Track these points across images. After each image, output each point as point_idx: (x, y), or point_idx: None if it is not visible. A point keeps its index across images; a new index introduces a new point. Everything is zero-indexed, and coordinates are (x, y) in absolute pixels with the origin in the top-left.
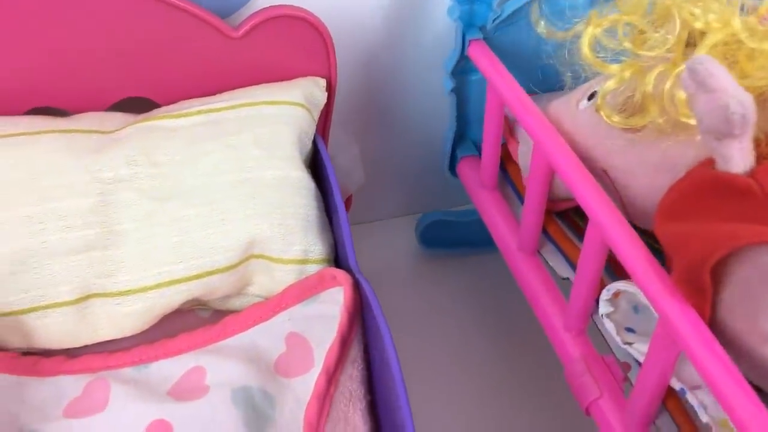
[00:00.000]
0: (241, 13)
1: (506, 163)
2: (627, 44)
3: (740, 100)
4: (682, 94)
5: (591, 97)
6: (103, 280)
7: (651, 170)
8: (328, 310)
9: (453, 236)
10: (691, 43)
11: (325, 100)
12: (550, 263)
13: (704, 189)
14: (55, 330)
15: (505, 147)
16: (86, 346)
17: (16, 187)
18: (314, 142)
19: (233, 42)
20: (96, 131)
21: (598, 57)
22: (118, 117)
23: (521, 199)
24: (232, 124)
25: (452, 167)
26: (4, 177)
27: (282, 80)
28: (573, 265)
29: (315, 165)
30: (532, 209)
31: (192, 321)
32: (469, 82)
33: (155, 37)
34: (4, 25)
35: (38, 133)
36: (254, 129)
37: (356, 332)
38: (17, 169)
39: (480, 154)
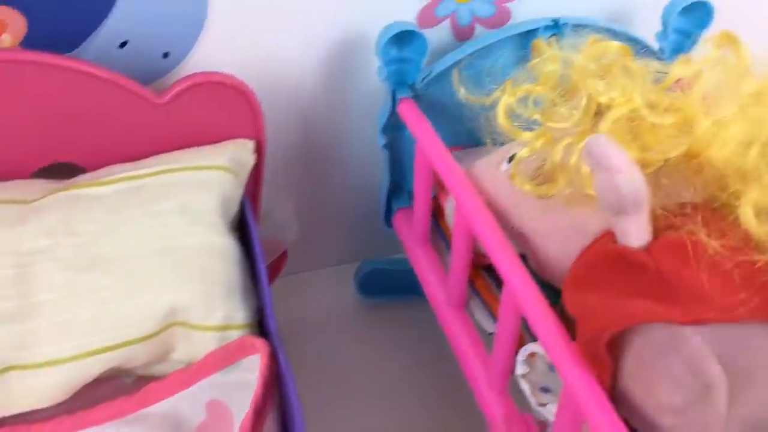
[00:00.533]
0: (169, 77)
1: (438, 216)
2: (536, 115)
3: (632, 180)
4: (587, 168)
5: (511, 159)
6: (21, 352)
7: (562, 235)
8: (248, 378)
9: (391, 284)
10: (599, 114)
11: (253, 162)
12: (477, 318)
13: (604, 262)
14: None
15: (437, 200)
16: (3, 418)
17: None
18: (242, 204)
19: (158, 108)
20: (16, 201)
21: (514, 124)
22: (41, 185)
23: (449, 248)
24: (154, 190)
25: (388, 219)
26: None
27: (209, 143)
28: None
29: (243, 226)
30: (458, 265)
31: (115, 388)
32: (402, 136)
33: (80, 105)
34: None
35: None
36: (177, 195)
37: (272, 401)
38: None
39: (411, 205)
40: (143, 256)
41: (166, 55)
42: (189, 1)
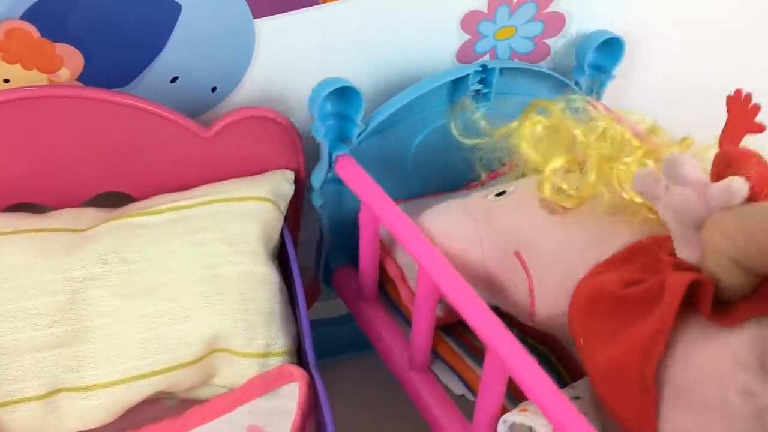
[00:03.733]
0: (217, 109)
1: (381, 276)
2: (577, 132)
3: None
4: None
5: (499, 194)
6: (70, 375)
7: (573, 251)
8: (287, 405)
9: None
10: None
11: (292, 192)
12: (443, 380)
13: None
14: (23, 424)
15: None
16: None
17: None
18: (281, 233)
19: (205, 141)
20: (69, 230)
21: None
22: (92, 213)
23: (396, 308)
24: (200, 220)
25: (327, 278)
26: None
27: (251, 173)
28: (466, 383)
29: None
30: (421, 330)
31: (158, 410)
32: (338, 193)
33: (131, 138)
34: None
35: (11, 233)
36: (221, 225)
37: (310, 429)
38: None
39: (351, 262)
40: (189, 284)
41: (214, 89)
42: (237, 40)
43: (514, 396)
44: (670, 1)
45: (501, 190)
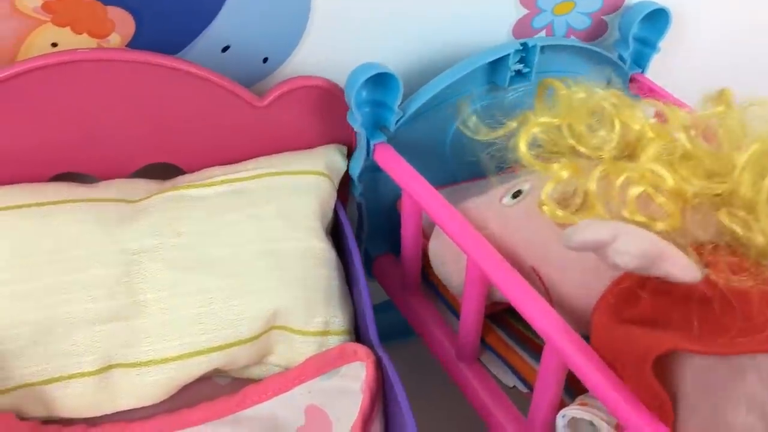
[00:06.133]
0: (265, 82)
1: (424, 264)
2: (571, 142)
3: (633, 235)
4: (632, 192)
5: (515, 195)
6: (125, 350)
7: (584, 266)
8: (349, 385)
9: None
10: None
11: (345, 167)
12: (493, 372)
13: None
14: (76, 400)
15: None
16: (105, 415)
17: (43, 257)
18: (335, 210)
19: (258, 111)
20: (122, 200)
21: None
22: (143, 185)
23: (440, 296)
24: (255, 194)
25: (368, 267)
26: (31, 247)
27: (304, 146)
28: (518, 374)
29: (335, 233)
30: (470, 320)
31: (210, 389)
32: (377, 181)
33: (182, 106)
34: (32, 93)
35: (64, 202)
36: (277, 200)
37: (377, 411)
38: (44, 238)
39: (390, 250)
40: (247, 259)
41: (265, 59)
42: (292, 9)
43: (572, 389)
44: None
45: (517, 189)
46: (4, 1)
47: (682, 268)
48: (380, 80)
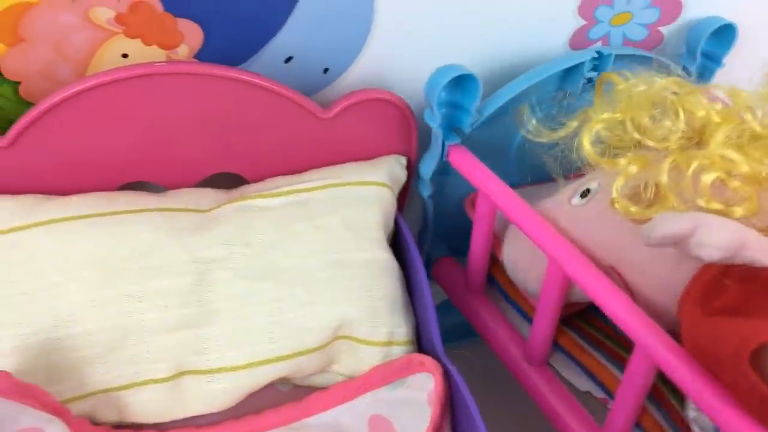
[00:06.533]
0: (325, 91)
1: (491, 265)
2: (636, 136)
3: (716, 225)
4: (705, 179)
5: (584, 194)
6: (196, 357)
7: (669, 261)
8: (415, 396)
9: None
10: (694, 131)
11: (405, 178)
12: (564, 375)
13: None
14: (148, 405)
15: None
16: (174, 421)
17: (118, 265)
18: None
19: (323, 122)
20: (193, 210)
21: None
22: (212, 194)
23: (509, 299)
24: (320, 204)
25: (428, 269)
26: (107, 255)
27: (366, 157)
28: (593, 377)
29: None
30: (545, 320)
31: (273, 395)
32: (446, 184)
33: (248, 117)
34: (105, 104)
35: (137, 211)
36: (342, 210)
37: (446, 423)
38: (119, 247)
39: (451, 253)
40: (314, 269)
41: (326, 70)
42: (355, 20)
43: (656, 399)
44: None
45: (586, 188)
46: (78, 14)
47: (767, 253)
48: (460, 83)
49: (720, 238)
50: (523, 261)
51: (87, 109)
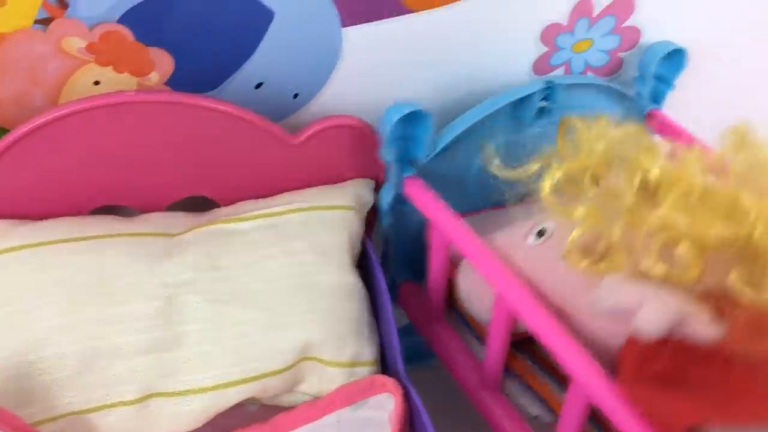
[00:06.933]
0: (295, 116)
1: (451, 290)
2: (592, 191)
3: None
4: (653, 242)
5: (540, 233)
6: (164, 380)
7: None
8: (377, 416)
9: None
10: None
11: (373, 201)
12: (517, 400)
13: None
14: (117, 427)
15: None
16: None
17: (88, 290)
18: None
19: (292, 147)
20: (162, 234)
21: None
22: (182, 219)
23: (466, 324)
24: (289, 228)
25: (393, 294)
26: (77, 280)
27: (334, 181)
28: (543, 402)
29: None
30: (496, 349)
31: (241, 415)
32: (404, 212)
33: (219, 143)
34: (75, 131)
35: (108, 236)
36: (310, 234)
37: None
38: (89, 272)
39: (415, 277)
40: (281, 293)
41: (295, 95)
42: (324, 47)
43: (598, 422)
44: (739, 15)
45: (542, 227)
46: (50, 43)
47: (704, 329)
48: (413, 117)
49: (661, 317)
50: (476, 291)
51: (60, 135)
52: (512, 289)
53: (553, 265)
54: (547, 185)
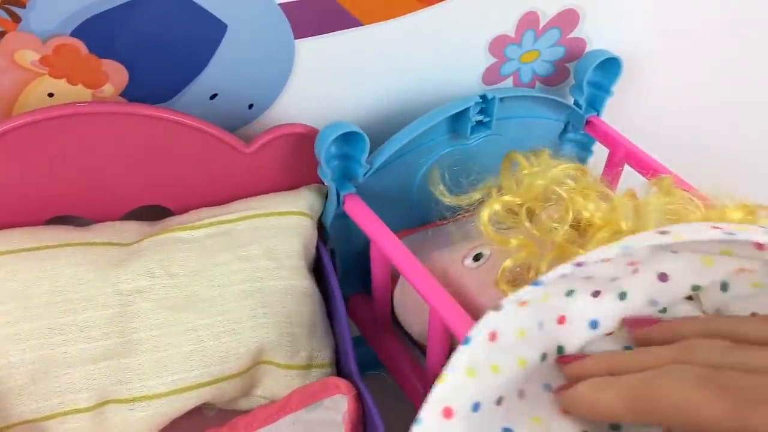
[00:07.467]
0: (250, 126)
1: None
2: (527, 224)
3: None
4: None
5: (477, 257)
6: (118, 386)
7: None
8: (331, 417)
9: None
10: (578, 229)
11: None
12: None
13: None
14: None
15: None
16: None
17: (40, 299)
18: (317, 247)
19: (245, 156)
20: (116, 243)
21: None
22: (136, 227)
23: (410, 338)
24: (242, 235)
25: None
26: (29, 290)
27: (288, 187)
28: None
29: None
30: (435, 360)
31: (198, 420)
32: (347, 226)
33: (173, 153)
34: (30, 143)
35: (60, 246)
36: (263, 240)
37: None
38: (41, 282)
39: (363, 290)
40: (235, 298)
41: (250, 106)
42: (278, 59)
43: None
44: (679, 25)
45: (478, 252)
46: (3, 57)
47: None
48: (349, 136)
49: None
50: (411, 306)
51: (13, 146)
52: (445, 305)
53: (487, 288)
54: (485, 215)
